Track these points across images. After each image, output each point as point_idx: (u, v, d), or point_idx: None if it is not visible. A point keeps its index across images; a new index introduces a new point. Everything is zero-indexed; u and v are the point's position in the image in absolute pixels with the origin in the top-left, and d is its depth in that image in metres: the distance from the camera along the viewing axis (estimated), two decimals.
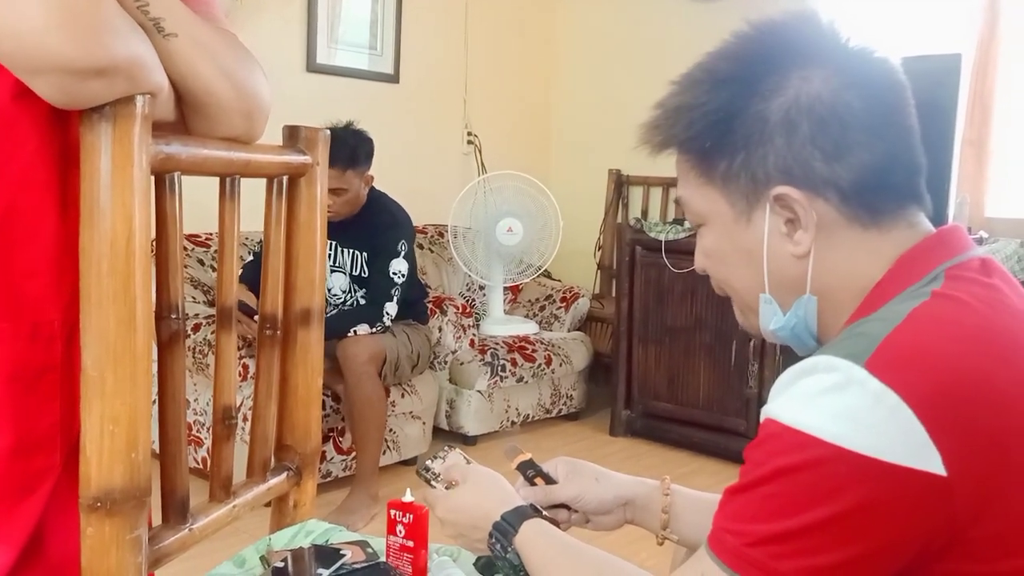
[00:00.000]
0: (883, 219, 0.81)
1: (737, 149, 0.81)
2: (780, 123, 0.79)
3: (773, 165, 0.80)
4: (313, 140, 1.24)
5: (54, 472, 0.93)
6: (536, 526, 0.96)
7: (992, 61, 3.28)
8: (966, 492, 0.68)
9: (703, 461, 3.46)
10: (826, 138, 0.79)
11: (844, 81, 0.80)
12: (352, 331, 2.85)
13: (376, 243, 3.00)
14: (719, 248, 0.88)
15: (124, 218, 0.86)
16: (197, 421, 3.02)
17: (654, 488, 1.12)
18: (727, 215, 0.84)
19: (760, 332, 0.90)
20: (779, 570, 0.69)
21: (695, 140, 0.84)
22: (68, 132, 0.89)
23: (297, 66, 3.75)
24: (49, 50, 0.77)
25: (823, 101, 0.79)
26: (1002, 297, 0.76)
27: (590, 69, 4.65)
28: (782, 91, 0.80)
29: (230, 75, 0.96)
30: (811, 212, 0.80)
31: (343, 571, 1.16)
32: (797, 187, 0.80)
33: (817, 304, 0.84)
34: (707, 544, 0.75)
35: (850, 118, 0.79)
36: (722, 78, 0.82)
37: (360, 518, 2.76)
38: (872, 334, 0.72)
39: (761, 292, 0.86)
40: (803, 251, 0.82)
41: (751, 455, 0.75)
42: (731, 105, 0.81)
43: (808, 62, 0.80)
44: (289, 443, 1.30)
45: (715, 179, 0.84)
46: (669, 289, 3.58)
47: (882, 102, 0.81)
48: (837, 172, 0.79)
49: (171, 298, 1.03)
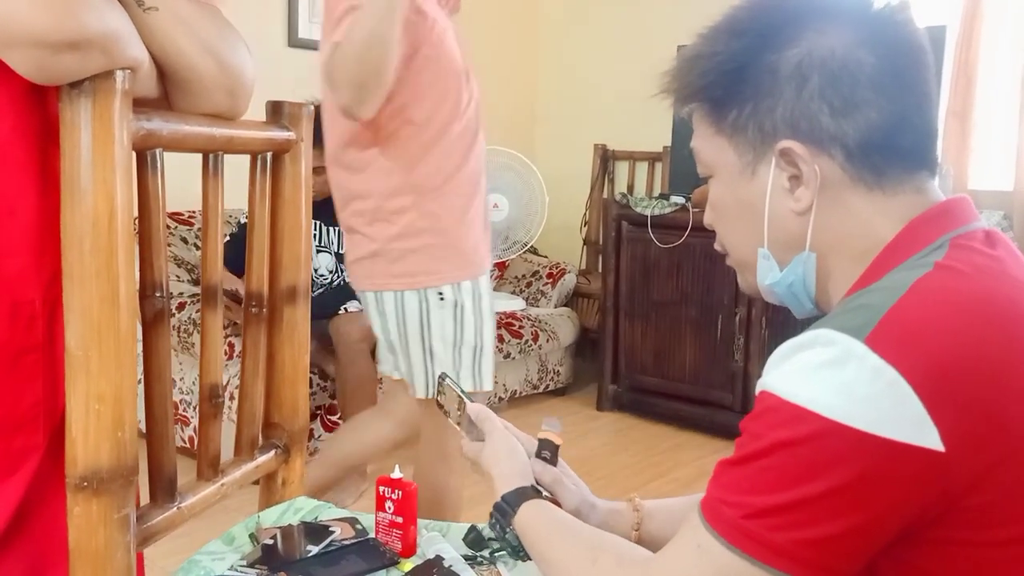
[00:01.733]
0: (888, 182, 0.80)
1: (747, 99, 0.82)
2: (791, 75, 0.79)
3: (780, 117, 0.80)
4: (297, 116, 1.23)
5: (37, 452, 0.92)
6: (535, 507, 0.96)
7: (976, 33, 3.28)
8: (963, 465, 0.68)
9: (689, 434, 3.49)
10: (835, 93, 0.79)
11: (860, 38, 0.79)
12: (343, 308, 2.84)
13: None
14: (723, 200, 0.88)
15: (106, 196, 0.85)
16: (183, 400, 3.02)
17: (624, 509, 1.09)
18: (734, 166, 0.84)
19: (757, 289, 0.89)
20: (776, 542, 0.70)
21: (707, 89, 0.84)
22: (47, 109, 0.87)
23: (278, 41, 3.71)
24: (21, 22, 0.76)
25: (836, 56, 0.79)
26: (1005, 268, 0.76)
27: (575, 43, 4.62)
28: (796, 43, 0.80)
29: (213, 50, 0.95)
30: (814, 168, 0.80)
31: (332, 548, 1.17)
32: (802, 142, 0.80)
33: (816, 263, 0.83)
34: (701, 514, 0.75)
35: (861, 75, 0.78)
36: (739, 28, 0.83)
37: (349, 495, 2.76)
38: (873, 307, 0.72)
39: (759, 247, 0.86)
40: (804, 207, 0.81)
41: (748, 427, 0.75)
42: (744, 55, 0.81)
43: (826, 17, 0.80)
44: (277, 421, 1.30)
45: (725, 129, 0.84)
46: (655, 264, 3.58)
47: (896, 63, 0.80)
48: (844, 128, 0.79)
49: (155, 276, 1.02)
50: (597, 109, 4.42)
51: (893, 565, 0.74)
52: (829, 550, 0.70)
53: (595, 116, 4.43)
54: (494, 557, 1.17)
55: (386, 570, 1.14)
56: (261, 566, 1.12)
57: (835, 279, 0.83)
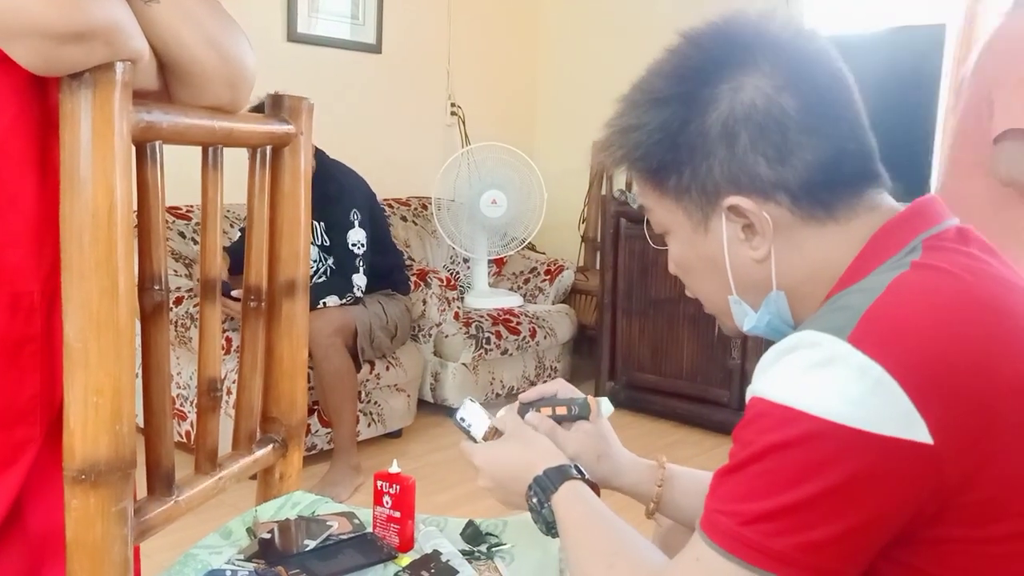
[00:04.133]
0: (839, 212, 0.81)
1: (683, 164, 0.82)
2: (719, 135, 0.80)
3: (720, 176, 0.81)
4: (297, 109, 1.23)
5: (34, 444, 0.92)
6: (576, 488, 0.95)
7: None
8: (954, 459, 0.68)
9: (686, 431, 3.49)
10: (767, 144, 0.79)
11: (778, 83, 0.79)
12: (321, 303, 2.84)
13: (328, 216, 2.97)
14: (684, 256, 0.89)
15: (105, 188, 0.85)
16: (180, 395, 3.01)
17: (650, 467, 1.11)
18: (686, 226, 0.86)
19: (739, 332, 0.91)
20: (774, 548, 0.70)
21: (643, 160, 0.85)
22: (47, 100, 0.87)
23: (278, 35, 3.70)
24: (26, 13, 0.75)
25: (758, 107, 0.79)
26: (983, 265, 0.77)
27: (575, 39, 4.62)
28: (716, 103, 0.80)
29: (214, 42, 0.94)
30: (764, 217, 0.81)
31: (330, 542, 1.17)
32: (746, 195, 0.80)
33: (787, 298, 0.85)
34: (700, 528, 0.75)
35: (787, 120, 0.79)
36: (659, 97, 0.83)
37: (344, 489, 2.76)
38: (853, 307, 0.72)
39: (729, 295, 0.87)
40: (762, 255, 0.83)
41: (740, 435, 0.75)
42: (670, 124, 0.82)
43: (739, 70, 0.80)
44: (275, 415, 1.30)
45: (668, 193, 0.85)
46: (653, 261, 3.58)
47: (819, 98, 0.80)
48: (783, 175, 0.79)
49: (154, 269, 1.02)
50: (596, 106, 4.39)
51: (892, 566, 0.74)
52: (828, 553, 0.69)
53: (594, 113, 4.39)
54: (491, 552, 1.17)
55: (383, 564, 1.14)
56: (258, 560, 1.12)
57: (810, 304, 0.83)
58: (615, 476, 1.10)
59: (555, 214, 4.14)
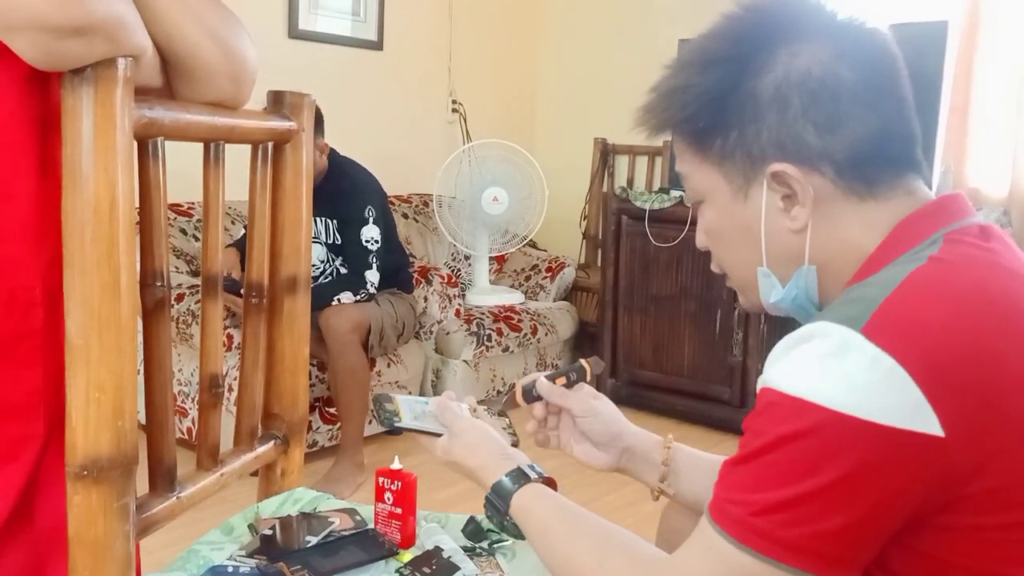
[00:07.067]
0: (880, 189, 0.81)
1: (731, 127, 0.82)
2: (771, 99, 0.80)
3: (767, 141, 0.81)
4: (298, 106, 1.23)
5: (36, 441, 0.91)
6: (531, 494, 0.94)
7: (978, 28, 3.27)
8: (964, 451, 0.69)
9: (687, 428, 3.48)
10: (818, 111, 0.79)
11: (834, 53, 0.80)
12: (336, 299, 2.84)
13: (343, 212, 2.96)
14: (718, 225, 0.88)
15: (107, 184, 0.85)
16: (182, 392, 3.01)
17: (657, 442, 1.12)
18: (725, 192, 0.85)
19: (762, 307, 0.90)
20: (785, 538, 0.70)
21: (689, 121, 0.85)
22: (48, 95, 0.87)
23: (279, 32, 3.69)
24: (27, 6, 0.75)
25: (813, 75, 0.79)
26: (999, 259, 0.77)
27: (576, 37, 4.61)
28: (771, 67, 0.80)
29: (217, 37, 0.94)
30: (807, 187, 0.81)
31: (332, 538, 1.17)
32: (792, 162, 0.80)
33: (817, 274, 0.84)
34: (709, 516, 0.75)
35: (841, 90, 0.79)
36: (712, 58, 0.83)
37: (346, 487, 2.76)
38: (868, 298, 0.73)
39: (759, 266, 0.86)
40: (800, 226, 0.82)
41: (751, 425, 0.75)
42: (722, 84, 0.82)
43: (797, 37, 0.81)
44: (276, 411, 1.30)
45: (711, 157, 0.85)
46: (654, 258, 3.58)
47: (874, 73, 0.81)
48: (831, 145, 0.80)
49: (156, 265, 1.02)
50: (597, 103, 4.41)
51: (902, 553, 0.74)
52: (839, 542, 0.70)
53: (595, 110, 4.42)
54: (493, 548, 1.17)
55: (385, 561, 1.14)
56: (260, 556, 1.12)
57: (837, 284, 0.83)
58: (622, 428, 1.11)
59: (556, 211, 4.14)
